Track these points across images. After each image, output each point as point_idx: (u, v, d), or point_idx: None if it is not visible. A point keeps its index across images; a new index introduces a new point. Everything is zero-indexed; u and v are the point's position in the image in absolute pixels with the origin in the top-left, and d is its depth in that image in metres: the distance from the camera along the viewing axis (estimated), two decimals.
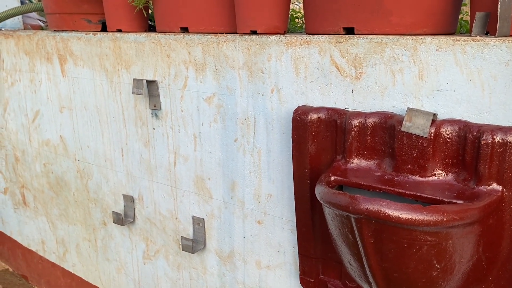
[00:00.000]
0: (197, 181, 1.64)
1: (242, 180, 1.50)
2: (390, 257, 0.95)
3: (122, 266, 2.07)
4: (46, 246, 2.46)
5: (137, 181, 1.85)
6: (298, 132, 1.24)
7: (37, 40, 2.05)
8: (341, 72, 1.21)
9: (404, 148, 1.08)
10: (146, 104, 1.71)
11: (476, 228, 0.96)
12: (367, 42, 1.15)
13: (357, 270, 1.06)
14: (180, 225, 1.74)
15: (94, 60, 1.83)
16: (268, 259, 1.51)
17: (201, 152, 1.59)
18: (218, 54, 1.45)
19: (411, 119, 1.06)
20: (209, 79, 1.49)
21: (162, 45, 1.59)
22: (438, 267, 0.94)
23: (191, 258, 1.75)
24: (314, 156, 1.24)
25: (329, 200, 0.98)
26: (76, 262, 2.31)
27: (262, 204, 1.48)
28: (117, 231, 2.02)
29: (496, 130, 0.97)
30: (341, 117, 1.18)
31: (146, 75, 1.67)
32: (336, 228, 1.04)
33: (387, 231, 0.92)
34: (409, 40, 1.09)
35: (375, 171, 1.15)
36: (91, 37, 1.82)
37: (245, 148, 1.47)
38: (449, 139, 1.04)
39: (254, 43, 1.36)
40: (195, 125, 1.58)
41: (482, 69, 1.01)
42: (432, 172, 1.06)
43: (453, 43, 1.04)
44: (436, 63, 1.07)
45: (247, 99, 1.42)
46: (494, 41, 0.99)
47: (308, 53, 1.25)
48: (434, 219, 0.88)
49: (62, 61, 1.96)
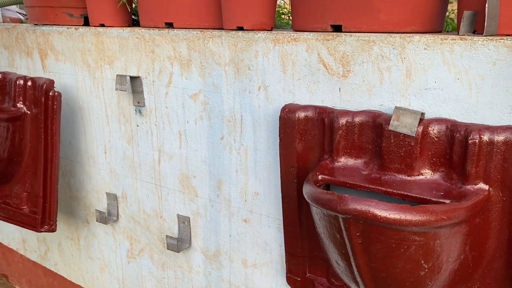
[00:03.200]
0: (182, 179, 1.61)
1: (229, 178, 1.49)
2: (378, 257, 0.95)
3: (106, 265, 2.04)
4: (27, 244, 2.41)
5: (120, 179, 1.81)
6: (285, 131, 1.22)
7: (16, 34, 1.99)
8: (328, 70, 1.20)
9: (392, 147, 1.08)
10: (129, 100, 1.67)
11: (464, 227, 0.96)
12: (355, 40, 1.14)
13: (344, 270, 1.05)
14: (165, 224, 1.72)
15: (76, 55, 1.78)
16: (255, 257, 1.50)
17: (186, 149, 1.57)
18: (204, 50, 1.42)
19: (398, 118, 1.05)
20: (195, 76, 1.47)
21: (146, 41, 1.55)
22: (426, 267, 0.94)
23: (176, 257, 1.73)
24: (301, 155, 1.23)
25: (317, 200, 0.97)
26: (58, 261, 2.27)
27: (249, 203, 1.46)
28: (101, 229, 1.98)
29: (484, 130, 0.97)
30: (328, 115, 1.17)
31: (130, 71, 1.64)
32: (323, 227, 1.03)
33: (375, 231, 0.91)
34: (397, 39, 1.09)
35: (362, 170, 1.14)
36: (73, 32, 1.77)
37: (232, 146, 1.45)
38: (436, 138, 1.03)
39: (240, 39, 1.34)
40: (180, 122, 1.55)
41: (470, 68, 1.01)
42: (419, 171, 1.06)
43: (441, 42, 1.03)
44: (424, 62, 1.06)
45: (234, 97, 1.40)
46: (481, 40, 0.99)
47: (295, 50, 1.24)
48: (422, 219, 0.88)
49: (42, 56, 1.91)
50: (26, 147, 1.70)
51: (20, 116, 1.67)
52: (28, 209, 1.78)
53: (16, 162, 1.72)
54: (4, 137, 1.62)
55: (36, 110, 1.66)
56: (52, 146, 1.67)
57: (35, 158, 1.70)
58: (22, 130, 1.68)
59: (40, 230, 1.75)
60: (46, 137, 1.66)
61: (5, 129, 1.62)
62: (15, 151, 1.69)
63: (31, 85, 1.67)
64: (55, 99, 1.64)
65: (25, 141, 1.69)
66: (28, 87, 1.67)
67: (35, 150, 1.69)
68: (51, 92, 1.64)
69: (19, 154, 1.71)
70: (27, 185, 1.75)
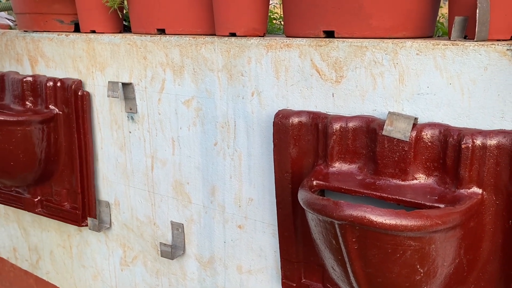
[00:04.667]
0: (175, 185, 1.60)
1: (223, 184, 1.48)
2: (374, 262, 0.95)
3: (99, 273, 2.02)
4: (18, 253, 2.38)
5: (113, 186, 1.80)
6: (279, 136, 1.23)
7: (5, 40, 1.97)
8: (321, 75, 1.21)
9: (386, 152, 1.09)
10: (121, 107, 1.67)
11: (458, 231, 0.96)
12: (348, 45, 1.15)
13: (340, 275, 1.05)
14: (159, 231, 1.71)
15: (67, 62, 1.77)
16: (250, 263, 1.50)
17: (179, 156, 1.56)
18: (196, 57, 1.42)
19: (392, 123, 1.06)
20: (188, 82, 1.46)
21: (138, 47, 1.55)
22: (422, 271, 0.94)
23: (170, 264, 1.72)
24: (295, 160, 1.23)
25: (313, 206, 0.97)
26: (50, 270, 2.24)
27: (243, 209, 1.46)
28: (93, 237, 1.97)
29: (476, 134, 0.98)
30: (322, 121, 1.17)
31: (122, 78, 1.63)
32: (319, 233, 1.03)
33: (371, 237, 0.91)
34: (390, 44, 1.09)
35: (356, 175, 1.14)
36: (63, 38, 1.76)
37: (225, 152, 1.45)
38: (430, 143, 1.04)
39: (233, 45, 1.34)
40: (173, 128, 1.55)
41: (462, 73, 1.02)
42: (413, 175, 1.07)
43: (433, 47, 1.04)
44: (417, 67, 1.07)
45: (227, 102, 1.40)
46: (473, 45, 1.00)
47: (288, 56, 1.24)
48: (417, 224, 0.88)
49: (33, 63, 1.89)
50: (61, 146, 1.77)
51: (53, 117, 1.73)
52: (69, 205, 1.85)
53: (53, 161, 1.79)
54: (40, 138, 1.70)
55: (68, 110, 1.72)
56: (86, 144, 1.74)
57: (70, 157, 1.76)
58: (56, 130, 1.75)
59: (81, 224, 1.84)
60: (79, 136, 1.73)
61: (40, 131, 1.69)
62: (52, 151, 1.76)
63: (60, 86, 1.71)
64: (84, 98, 1.69)
65: (60, 140, 1.77)
66: (58, 88, 1.72)
67: (70, 149, 1.76)
68: (80, 91, 1.69)
69: (55, 154, 1.78)
70: (66, 182, 1.82)
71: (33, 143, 1.70)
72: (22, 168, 1.75)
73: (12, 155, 1.70)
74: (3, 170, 1.75)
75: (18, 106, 1.81)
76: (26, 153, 1.71)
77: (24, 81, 1.77)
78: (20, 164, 1.73)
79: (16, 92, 1.79)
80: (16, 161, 1.71)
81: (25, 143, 1.69)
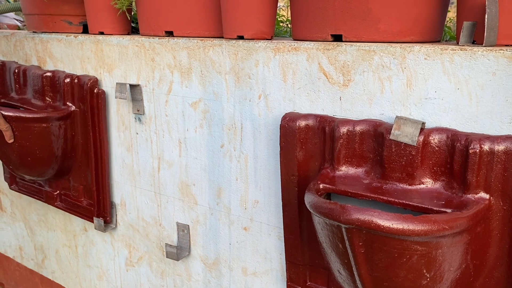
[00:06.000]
0: (181, 187, 1.61)
1: (228, 186, 1.49)
2: (381, 267, 0.95)
3: (104, 273, 2.03)
4: (23, 252, 2.40)
5: (119, 187, 1.81)
6: (286, 139, 1.23)
7: (14, 41, 1.99)
8: (329, 79, 1.21)
9: (393, 156, 1.09)
10: (129, 108, 1.67)
11: (465, 236, 0.96)
12: (356, 49, 1.15)
13: (346, 279, 1.05)
14: (164, 232, 1.71)
15: (75, 62, 1.78)
16: (255, 266, 1.50)
17: (186, 157, 1.57)
18: (204, 59, 1.43)
19: (399, 127, 1.06)
20: (195, 84, 1.47)
21: (146, 49, 1.56)
22: (428, 276, 0.94)
23: (175, 265, 1.72)
24: (302, 163, 1.23)
25: (320, 209, 0.97)
26: (55, 269, 2.26)
27: (249, 211, 1.46)
28: (99, 237, 1.98)
29: (484, 139, 0.98)
30: (329, 124, 1.17)
31: (130, 79, 1.64)
32: (325, 237, 1.03)
33: (378, 241, 0.92)
34: (398, 48, 1.10)
35: (363, 178, 1.15)
36: (72, 39, 1.77)
37: (232, 154, 1.45)
38: (437, 147, 1.04)
39: (241, 48, 1.34)
40: (180, 130, 1.55)
41: (470, 78, 1.02)
42: (420, 180, 1.07)
43: (441, 52, 1.04)
44: (424, 72, 1.07)
45: (234, 105, 1.40)
46: (481, 50, 1.00)
47: (296, 59, 1.25)
48: (424, 229, 0.88)
49: (41, 63, 1.91)
50: (78, 143, 1.79)
51: (70, 114, 1.75)
52: (86, 201, 1.87)
53: (70, 157, 1.82)
54: (57, 135, 1.72)
55: (84, 108, 1.73)
56: (101, 142, 1.74)
57: (87, 154, 1.78)
58: (72, 127, 1.77)
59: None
60: (95, 134, 1.73)
61: (57, 127, 1.72)
62: (68, 147, 1.79)
63: (77, 82, 1.72)
64: (100, 96, 1.69)
65: (77, 137, 1.78)
66: (75, 85, 1.72)
67: (86, 146, 1.77)
68: (95, 89, 1.69)
69: (72, 150, 1.80)
70: (83, 178, 1.84)
71: (50, 140, 1.72)
72: (39, 163, 1.77)
73: (30, 150, 1.72)
74: (22, 164, 1.78)
75: (39, 101, 1.82)
76: (43, 149, 1.73)
77: (44, 76, 1.79)
78: (37, 160, 1.75)
79: (36, 87, 1.81)
80: (33, 156, 1.74)
81: (42, 139, 1.71)
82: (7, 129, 1.65)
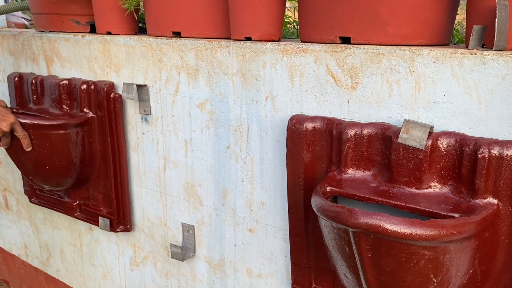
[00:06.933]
0: (187, 187, 1.61)
1: (234, 188, 1.49)
2: (388, 271, 0.95)
3: (108, 272, 2.03)
4: (29, 250, 2.41)
5: None
6: (293, 141, 1.23)
7: (22, 40, 1.99)
8: (337, 81, 1.20)
9: (401, 159, 1.08)
10: (136, 108, 1.68)
11: (473, 241, 0.96)
12: (364, 52, 1.15)
13: (352, 283, 1.05)
14: (169, 232, 1.71)
15: (83, 62, 1.79)
16: (260, 267, 1.50)
17: (192, 158, 1.57)
18: (211, 60, 1.43)
19: (408, 131, 1.06)
20: (202, 85, 1.47)
21: (153, 49, 1.56)
22: (435, 281, 0.94)
23: (180, 266, 1.72)
24: (308, 165, 1.23)
25: (326, 212, 0.97)
26: (60, 268, 2.26)
27: (254, 212, 1.46)
28: (104, 236, 1.98)
29: (493, 144, 0.97)
30: (337, 127, 1.17)
31: (137, 79, 1.64)
32: (332, 240, 1.03)
33: (385, 245, 0.91)
34: (406, 52, 1.09)
35: (370, 182, 1.14)
36: (79, 39, 1.77)
37: (238, 155, 1.45)
38: (445, 151, 1.04)
39: (248, 50, 1.34)
40: (186, 131, 1.55)
41: (479, 82, 1.02)
42: (428, 184, 1.06)
43: (450, 56, 1.04)
44: (433, 75, 1.07)
45: (241, 106, 1.40)
46: (491, 54, 1.00)
47: (303, 61, 1.24)
48: (432, 234, 0.88)
49: (48, 63, 1.91)
50: (96, 150, 1.76)
51: (87, 120, 1.73)
52: (105, 210, 1.84)
53: (89, 165, 1.79)
54: (75, 142, 1.70)
55: (101, 113, 1.71)
56: (119, 147, 1.72)
57: (105, 161, 1.75)
58: (90, 134, 1.74)
59: (116, 230, 1.81)
60: (112, 139, 1.71)
61: (75, 135, 1.69)
62: (86, 154, 1.76)
63: (93, 88, 1.70)
64: (116, 101, 1.68)
65: (95, 144, 1.76)
66: (92, 91, 1.70)
67: (104, 152, 1.75)
68: (112, 94, 1.68)
69: (91, 158, 1.77)
70: (102, 187, 1.81)
71: (68, 147, 1.70)
72: (57, 171, 1.74)
73: (48, 158, 1.70)
74: (40, 173, 1.75)
75: (56, 109, 1.80)
76: (61, 156, 1.71)
77: (60, 84, 1.76)
78: (55, 168, 1.73)
79: (53, 95, 1.79)
80: (52, 164, 1.71)
81: (60, 147, 1.69)
82: (24, 136, 1.62)
